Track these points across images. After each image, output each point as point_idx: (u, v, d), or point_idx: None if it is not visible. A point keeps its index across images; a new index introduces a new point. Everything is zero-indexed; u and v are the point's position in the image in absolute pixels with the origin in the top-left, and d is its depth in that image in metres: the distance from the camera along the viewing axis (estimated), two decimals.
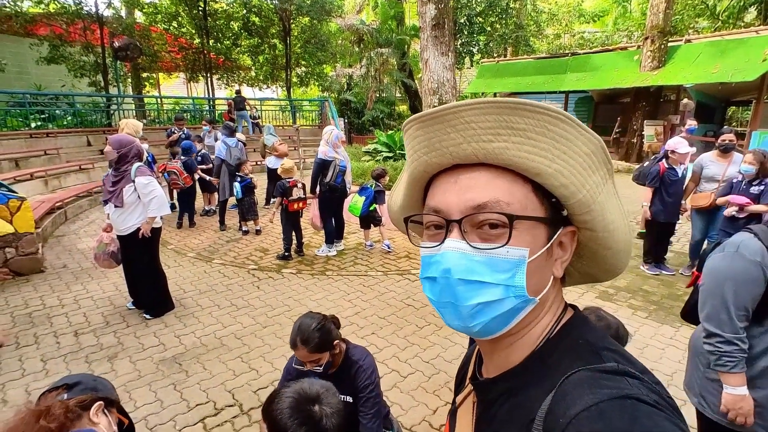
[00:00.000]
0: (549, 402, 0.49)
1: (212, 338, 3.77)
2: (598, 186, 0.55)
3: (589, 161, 0.53)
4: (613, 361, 0.51)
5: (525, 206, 0.53)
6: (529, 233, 0.53)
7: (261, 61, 19.15)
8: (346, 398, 1.88)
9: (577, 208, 0.55)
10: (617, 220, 0.58)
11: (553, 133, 0.52)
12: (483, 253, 0.53)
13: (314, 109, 18.45)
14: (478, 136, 0.52)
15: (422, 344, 3.67)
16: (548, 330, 0.58)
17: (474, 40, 21.23)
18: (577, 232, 0.59)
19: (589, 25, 25.85)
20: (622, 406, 0.43)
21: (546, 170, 0.52)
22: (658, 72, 12.52)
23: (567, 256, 0.59)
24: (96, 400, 1.28)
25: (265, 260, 5.67)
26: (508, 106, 0.51)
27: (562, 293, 0.63)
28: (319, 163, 5.29)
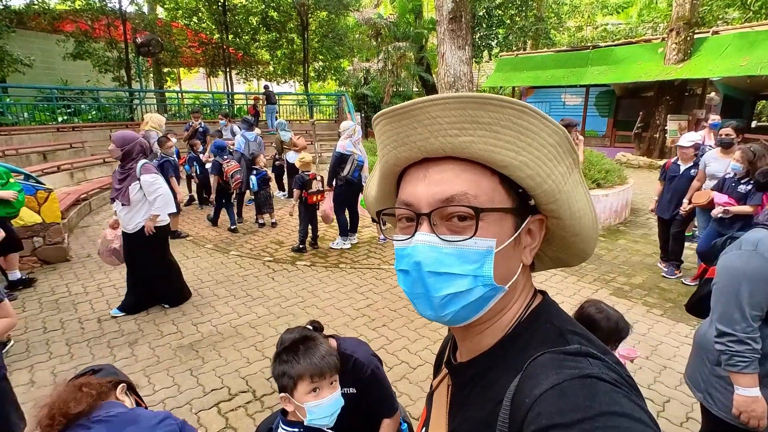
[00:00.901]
0: (516, 383, 0.51)
1: (228, 327, 3.88)
2: (563, 176, 0.56)
3: (554, 152, 0.55)
4: (577, 343, 0.53)
5: (492, 198, 0.55)
6: (496, 224, 0.55)
7: (279, 55, 19.34)
8: (350, 390, 1.90)
9: (543, 197, 0.56)
10: (583, 208, 0.60)
11: (519, 126, 0.53)
12: (452, 245, 0.54)
13: (331, 103, 18.56)
14: (445, 130, 0.53)
15: (432, 337, 3.70)
16: (518, 315, 0.60)
17: (493, 33, 20.94)
18: (545, 220, 0.61)
19: (613, 16, 25.17)
20: (583, 385, 0.46)
21: (512, 162, 0.53)
22: (683, 65, 12.16)
23: (536, 244, 0.61)
24: (120, 382, 1.45)
25: (280, 252, 5.77)
26: (473, 101, 0.52)
27: (532, 279, 0.64)
28: (338, 157, 5.35)
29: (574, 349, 0.52)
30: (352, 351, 1.89)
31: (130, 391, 1.50)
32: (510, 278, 0.57)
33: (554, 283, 4.71)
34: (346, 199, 5.65)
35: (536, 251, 0.62)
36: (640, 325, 3.79)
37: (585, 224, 0.61)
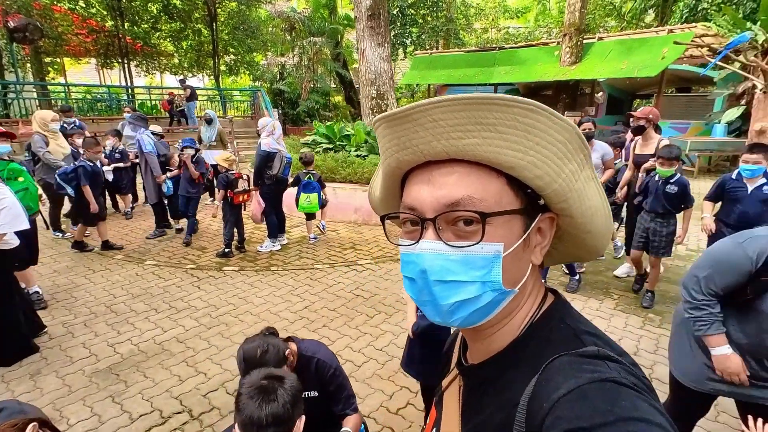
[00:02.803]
0: (532, 386, 0.50)
1: (152, 344, 3.54)
2: (574, 173, 0.54)
3: (564, 149, 0.53)
4: (593, 345, 0.52)
5: (499, 200, 0.53)
6: (503, 227, 0.54)
7: (185, 47, 17.97)
8: (311, 393, 1.86)
9: (553, 197, 0.55)
10: (596, 205, 0.58)
11: (525, 125, 0.51)
12: (458, 251, 0.53)
13: (245, 99, 17.69)
14: (448, 133, 0.52)
15: (374, 333, 3.72)
16: (530, 316, 0.59)
17: (407, 31, 21.48)
18: (556, 218, 0.59)
19: (513, 20, 27.17)
20: (603, 389, 0.45)
21: (519, 163, 0.52)
22: (575, 67, 13.51)
23: (546, 242, 0.59)
24: (29, 421, 1.23)
25: (203, 258, 5.39)
26: (476, 102, 0.50)
27: (542, 278, 0.64)
28: (263, 155, 5.11)
29: (591, 351, 0.51)
30: (313, 352, 1.87)
31: (45, 427, 1.29)
32: (520, 280, 0.57)
33: None
34: (275, 198, 5.44)
35: (546, 249, 0.60)
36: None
37: (598, 221, 0.59)
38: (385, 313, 4.05)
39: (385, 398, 2.92)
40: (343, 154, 7.54)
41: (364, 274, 4.95)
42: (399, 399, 2.91)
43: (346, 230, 6.53)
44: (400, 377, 3.12)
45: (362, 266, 5.17)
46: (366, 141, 7.82)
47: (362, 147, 7.77)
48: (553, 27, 24.75)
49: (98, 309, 4.09)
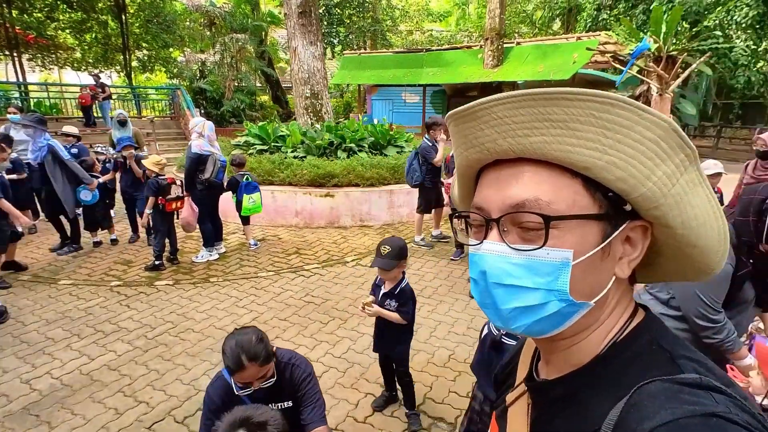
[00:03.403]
0: (618, 413, 0.45)
1: (78, 375, 3.10)
2: (670, 176, 0.47)
3: (655, 148, 0.46)
4: (694, 371, 0.46)
5: (572, 203, 0.49)
6: (575, 233, 0.49)
7: (88, 40, 16.21)
8: (286, 404, 1.76)
9: (642, 203, 0.48)
10: (704, 215, 0.50)
11: (604, 121, 0.46)
12: (521, 254, 0.50)
13: (163, 98, 16.39)
14: (513, 131, 0.49)
15: (331, 340, 3.59)
16: (615, 333, 0.54)
17: (334, 31, 21.33)
18: (649, 227, 0.52)
19: (437, 24, 28.12)
20: (707, 426, 0.39)
21: (596, 163, 0.47)
22: (497, 69, 14.30)
23: (637, 254, 0.53)
24: None
25: (130, 274, 4.87)
26: (543, 97, 0.47)
27: (632, 292, 0.57)
28: (195, 158, 4.72)
29: (692, 379, 0.44)
30: (288, 359, 1.82)
31: None
32: (597, 293, 0.51)
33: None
34: (209, 204, 5.06)
35: (637, 262, 0.53)
36: None
37: (706, 234, 0.50)
38: (340, 318, 3.93)
39: (351, 407, 2.83)
40: (279, 155, 7.25)
41: (313, 279, 4.79)
42: (365, 407, 2.83)
43: (288, 234, 6.28)
44: (364, 384, 3.04)
45: (309, 271, 4.99)
46: (302, 142, 7.59)
47: (299, 148, 7.53)
48: (473, 31, 26.01)
49: (4, 340, 3.52)
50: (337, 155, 7.33)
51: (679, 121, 13.52)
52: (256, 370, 1.60)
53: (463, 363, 3.28)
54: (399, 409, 2.80)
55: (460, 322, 3.88)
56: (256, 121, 14.28)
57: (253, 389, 1.64)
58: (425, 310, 4.03)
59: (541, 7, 24.43)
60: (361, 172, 6.69)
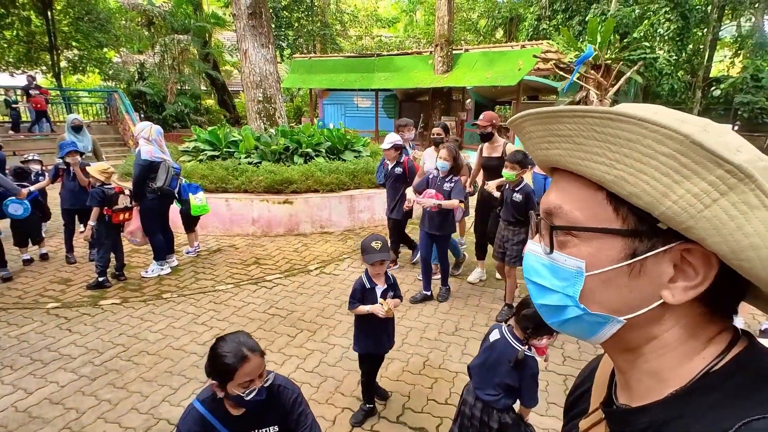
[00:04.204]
0: None
1: (12, 413, 2.73)
2: (700, 196, 0.42)
3: (673, 163, 0.42)
4: None
5: (593, 215, 0.49)
6: (591, 245, 0.49)
7: (9, 37, 14.77)
8: (273, 429, 1.64)
9: (668, 222, 0.44)
10: (763, 245, 0.42)
11: (605, 135, 0.45)
12: (548, 257, 0.54)
13: (97, 101, 15.24)
14: (538, 144, 0.54)
15: (300, 354, 3.43)
16: (709, 362, 0.49)
17: (283, 34, 20.91)
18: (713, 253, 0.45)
19: (386, 29, 28.40)
20: None
21: (605, 177, 0.46)
22: (448, 75, 14.61)
23: (697, 282, 0.46)
24: None
25: (69, 294, 4.41)
26: (547, 115, 0.51)
27: (723, 321, 0.51)
28: (145, 166, 4.36)
29: None
30: (273, 379, 1.66)
31: None
32: (627, 311, 0.49)
33: None
34: (159, 214, 4.72)
35: (700, 290, 0.46)
36: None
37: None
38: (308, 330, 3.78)
39: (329, 424, 2.70)
40: (232, 161, 6.92)
41: (276, 290, 4.58)
42: (343, 422, 2.71)
43: (245, 244, 5.99)
44: (339, 398, 2.93)
45: (272, 282, 4.77)
46: (256, 147, 7.30)
47: (253, 154, 7.23)
48: (421, 37, 26.53)
49: None
50: (294, 161, 7.12)
51: None
52: (259, 362, 1.53)
53: (438, 369, 3.25)
54: (378, 422, 2.71)
55: (431, 327, 3.85)
56: (204, 126, 13.67)
57: (256, 390, 1.52)
58: (395, 317, 3.96)
59: (484, 16, 25.40)
60: (320, 178, 6.53)
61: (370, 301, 2.61)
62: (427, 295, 4.32)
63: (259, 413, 1.63)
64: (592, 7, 17.55)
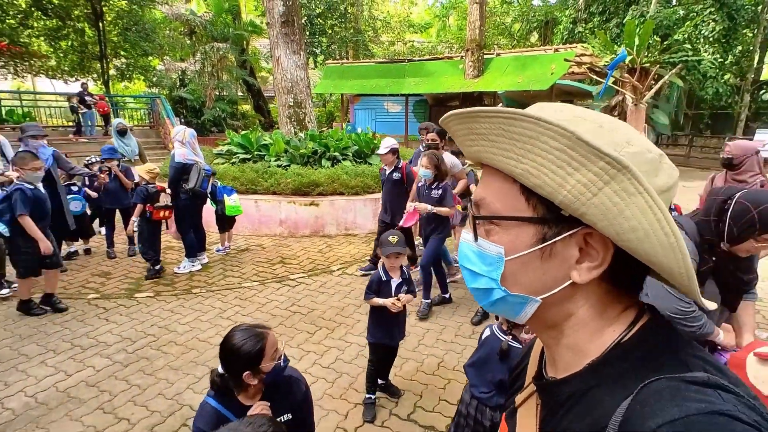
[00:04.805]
0: (624, 410, 0.45)
1: (53, 392, 2.97)
2: (589, 186, 0.47)
3: (565, 157, 0.47)
4: (702, 370, 0.46)
5: (509, 205, 0.54)
6: (510, 232, 0.55)
7: (64, 47, 15.85)
8: (286, 417, 1.71)
9: (566, 209, 0.49)
10: (644, 228, 0.47)
11: (512, 133, 0.51)
12: (475, 245, 0.59)
13: (142, 107, 16.10)
14: (463, 141, 0.58)
15: (318, 350, 3.54)
16: (619, 334, 0.54)
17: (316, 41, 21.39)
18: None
19: (418, 35, 28.53)
20: (713, 423, 0.39)
21: (513, 170, 0.52)
22: (478, 80, 14.53)
23: (598, 262, 0.52)
24: None
25: (108, 286, 4.72)
26: (465, 115, 0.55)
27: (629, 297, 0.57)
28: (179, 168, 4.63)
29: (700, 377, 0.44)
30: (288, 371, 1.75)
31: None
32: (543, 291, 0.54)
33: None
34: (192, 214, 4.97)
35: (600, 270, 0.52)
36: None
37: (654, 250, 0.48)
38: (327, 328, 3.88)
39: (341, 418, 2.78)
40: (262, 164, 7.18)
41: (298, 288, 4.73)
42: (355, 417, 2.78)
43: (272, 244, 6.20)
44: (353, 394, 3.00)
45: (295, 281, 4.93)
46: (286, 151, 7.54)
47: (282, 157, 7.47)
48: (454, 42, 26.47)
49: None
50: (321, 164, 7.31)
51: (653, 130, 13.95)
52: (274, 338, 1.62)
53: (452, 370, 3.27)
54: (389, 419, 2.77)
55: (448, 330, 3.87)
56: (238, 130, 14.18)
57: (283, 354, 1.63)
58: (413, 319, 4.01)
59: (519, 19, 25.07)
60: (345, 181, 6.67)
61: (385, 292, 2.73)
62: (445, 298, 4.34)
63: (272, 401, 1.70)
64: (630, 9, 17.00)
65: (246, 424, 1.32)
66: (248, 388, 1.62)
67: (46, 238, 3.91)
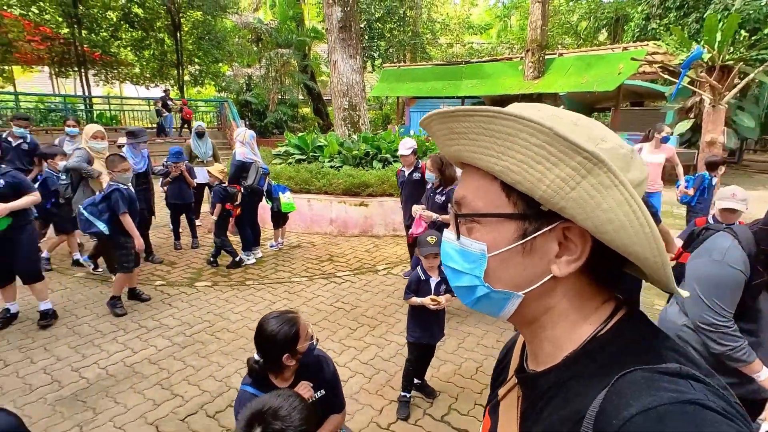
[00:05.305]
0: (600, 400, 0.46)
1: (121, 367, 3.31)
2: (567, 180, 0.48)
3: (543, 153, 0.49)
4: (674, 361, 0.48)
5: (491, 202, 0.55)
6: (491, 229, 0.55)
7: (146, 56, 17.40)
8: (319, 393, 1.81)
9: (546, 204, 0.51)
10: (620, 219, 0.48)
11: (491, 131, 0.51)
12: (457, 243, 0.59)
13: (211, 110, 17.27)
14: (443, 141, 0.59)
15: (358, 346, 3.64)
16: (596, 327, 0.55)
17: (374, 45, 21.75)
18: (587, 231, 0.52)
19: (477, 36, 28.08)
20: (684, 412, 0.40)
21: (494, 168, 0.53)
22: (538, 81, 14.04)
23: (577, 255, 0.53)
24: None
25: (173, 274, 5.14)
26: (445, 115, 0.56)
27: (606, 291, 0.58)
28: (239, 165, 4.97)
29: (673, 368, 0.46)
30: (319, 352, 1.87)
31: None
32: (525, 286, 0.55)
33: None
34: (249, 210, 5.29)
35: (579, 263, 0.53)
36: None
37: (630, 241, 0.49)
38: (368, 325, 3.97)
39: (375, 413, 2.84)
40: (316, 165, 7.45)
41: (344, 286, 4.87)
42: (389, 414, 2.84)
43: (322, 242, 6.42)
44: (389, 391, 3.06)
45: (341, 278, 5.08)
46: (339, 152, 7.76)
47: (336, 158, 7.71)
48: (515, 43, 25.75)
49: (59, 331, 3.81)
50: (373, 165, 7.45)
51: (734, 133, 12.72)
52: (304, 320, 1.72)
53: (490, 376, 3.22)
54: (423, 418, 2.79)
55: (490, 335, 3.82)
56: (296, 132, 14.78)
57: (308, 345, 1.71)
58: (454, 321, 3.99)
59: (586, 17, 23.89)
60: (395, 182, 6.73)
61: (424, 292, 2.78)
62: None
63: (306, 380, 1.79)
64: (712, 3, 15.62)
65: (275, 396, 1.41)
66: (285, 371, 1.73)
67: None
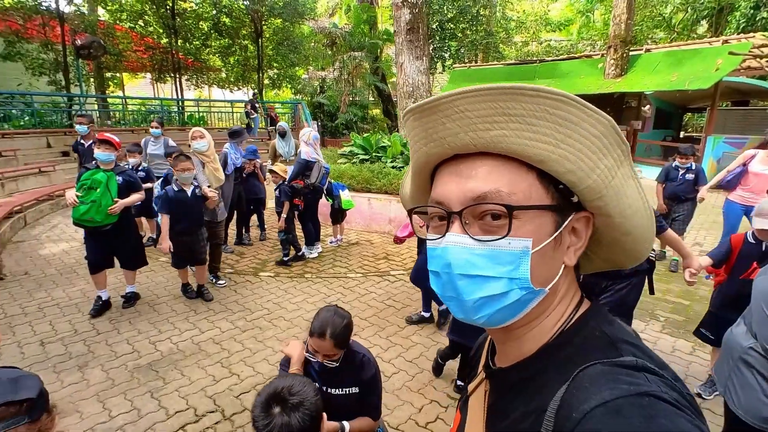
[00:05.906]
0: (562, 394, 0.48)
1: (189, 344, 3.67)
2: (611, 169, 0.51)
3: (599, 143, 0.50)
4: (632, 355, 0.49)
5: (529, 195, 0.52)
6: (533, 223, 0.52)
7: (232, 62, 18.84)
8: (352, 390, 1.88)
9: (587, 194, 0.52)
10: (635, 205, 0.55)
11: (556, 117, 0.49)
12: (484, 245, 0.52)
13: (287, 111, 18.25)
14: (474, 124, 0.51)
15: (404, 344, 3.69)
16: (563, 320, 0.57)
17: (446, 45, 21.58)
18: (591, 218, 0.56)
19: (555, 33, 26.73)
20: (640, 404, 0.42)
21: (550, 156, 0.50)
22: (620, 79, 13.06)
23: (581, 243, 0.56)
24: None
25: (241, 264, 5.56)
26: (503, 92, 0.49)
27: (577, 282, 0.60)
28: (303, 164, 5.26)
29: (629, 361, 0.48)
30: (359, 349, 1.92)
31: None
32: (550, 280, 0.54)
33: None
34: (310, 207, 5.56)
35: (581, 251, 0.57)
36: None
37: (637, 222, 0.56)
38: (416, 324, 4.01)
39: (414, 411, 2.88)
40: (379, 165, 7.60)
41: (396, 284, 4.94)
42: (428, 413, 2.86)
43: (380, 240, 6.56)
44: (430, 390, 3.07)
45: (395, 277, 5.16)
46: (402, 153, 7.86)
47: (398, 158, 7.81)
48: (597, 39, 24.13)
49: (142, 308, 4.30)
50: None
51: None
52: (330, 347, 1.76)
53: None
54: None
55: None
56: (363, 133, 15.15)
57: (317, 361, 1.80)
58: None
59: (682, 9, 21.74)
60: None
61: None
62: (424, 317, 4.03)
63: (337, 373, 1.84)
64: None
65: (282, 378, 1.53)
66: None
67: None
